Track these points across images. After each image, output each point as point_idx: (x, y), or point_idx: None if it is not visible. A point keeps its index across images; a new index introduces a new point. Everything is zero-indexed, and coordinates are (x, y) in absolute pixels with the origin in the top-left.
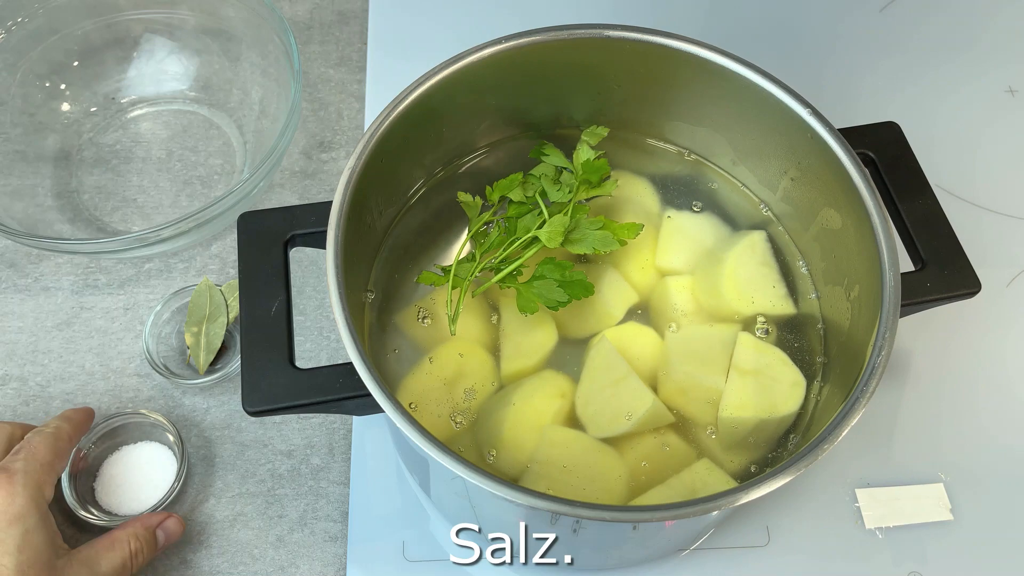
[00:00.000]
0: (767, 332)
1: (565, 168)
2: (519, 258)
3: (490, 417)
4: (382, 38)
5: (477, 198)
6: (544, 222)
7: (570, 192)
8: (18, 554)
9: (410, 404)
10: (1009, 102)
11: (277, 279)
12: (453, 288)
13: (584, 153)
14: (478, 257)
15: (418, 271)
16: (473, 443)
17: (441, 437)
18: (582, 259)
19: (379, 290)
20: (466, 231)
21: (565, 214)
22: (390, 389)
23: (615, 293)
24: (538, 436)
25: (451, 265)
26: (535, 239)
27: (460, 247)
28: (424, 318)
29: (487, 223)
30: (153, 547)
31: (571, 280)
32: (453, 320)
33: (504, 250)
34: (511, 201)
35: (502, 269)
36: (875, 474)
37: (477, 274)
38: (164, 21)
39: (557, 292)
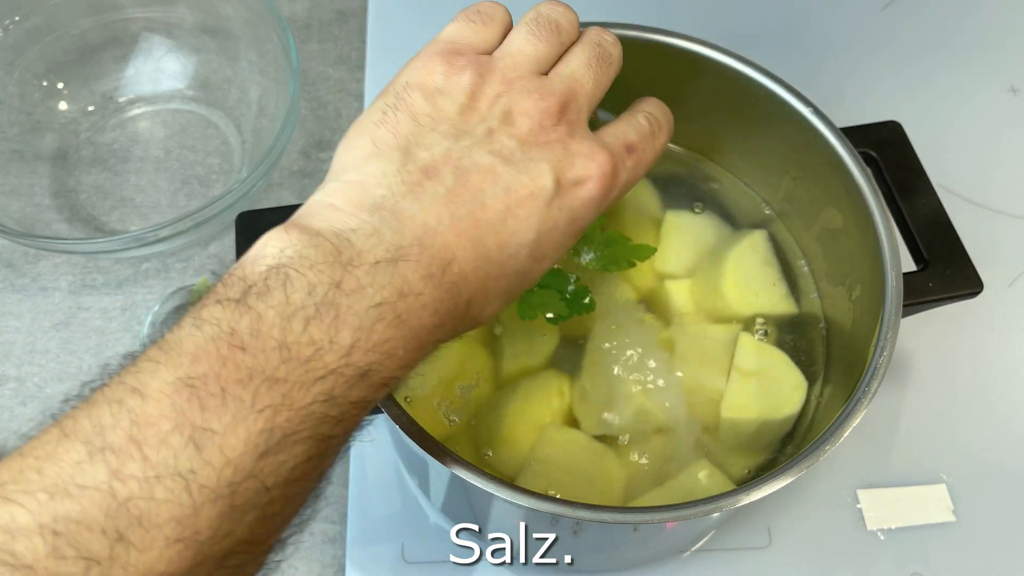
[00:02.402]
0: (768, 332)
1: None
2: None
3: (489, 416)
4: (381, 37)
5: None
6: None
7: None
8: (555, 259)
9: (405, 397)
10: (1012, 101)
11: None
12: None
13: None
14: None
15: None
16: (471, 441)
17: (438, 435)
18: None
19: None
20: None
21: None
22: None
23: (616, 293)
24: (536, 435)
25: None
26: None
27: None
28: None
29: None
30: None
31: (575, 294)
32: None
33: None
34: None
35: None
36: (877, 475)
37: None
38: (162, 20)
39: (559, 305)
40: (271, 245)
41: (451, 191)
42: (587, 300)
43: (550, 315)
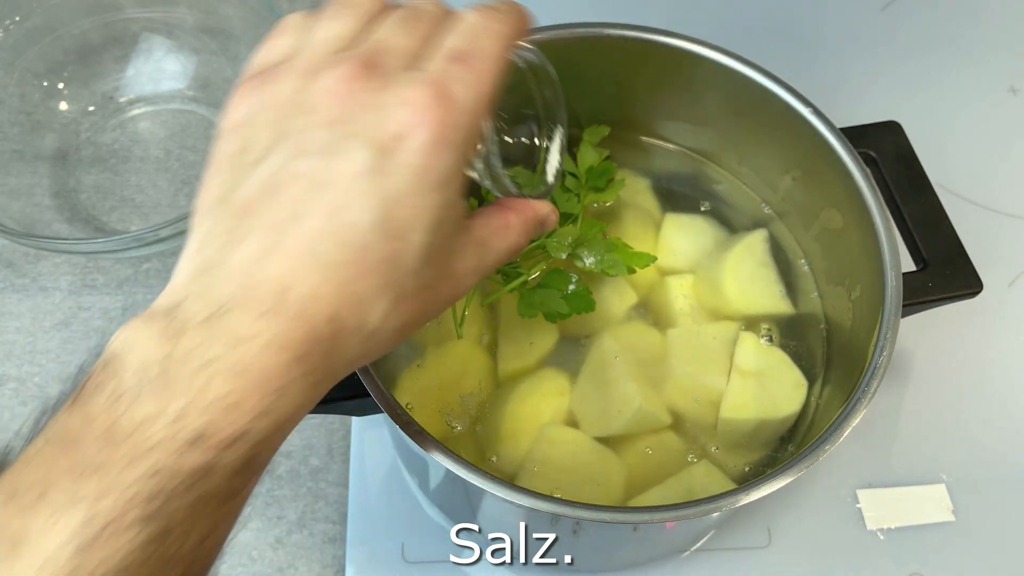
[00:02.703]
0: (768, 332)
1: (570, 173)
2: (530, 267)
3: (488, 415)
4: None
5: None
6: (553, 231)
7: (579, 201)
8: (434, 232)
9: (407, 404)
10: (1011, 101)
11: None
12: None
13: (588, 158)
14: None
15: None
16: (472, 442)
17: (439, 436)
18: None
19: None
20: None
21: (574, 224)
22: (388, 389)
23: (615, 293)
24: (535, 434)
25: None
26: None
27: None
28: None
29: None
30: (531, 237)
31: (575, 294)
32: (460, 324)
33: None
34: None
35: (508, 273)
36: (876, 475)
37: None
38: (162, 20)
39: (559, 303)
40: (112, 338)
41: (269, 220)
42: (587, 300)
43: (549, 316)
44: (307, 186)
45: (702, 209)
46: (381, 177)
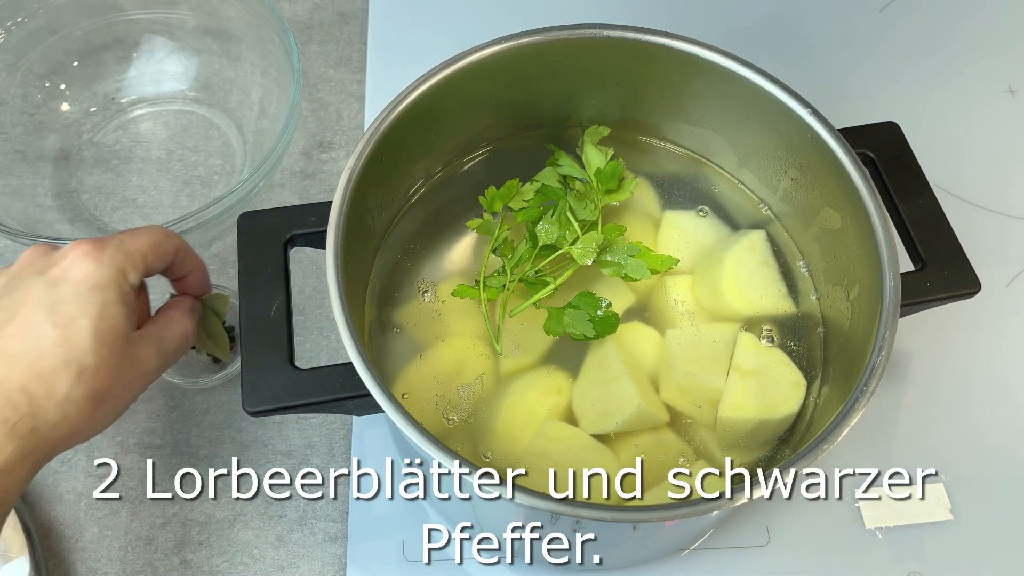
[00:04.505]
0: (767, 332)
1: (578, 178)
2: (556, 276)
3: (485, 410)
4: (382, 38)
5: (487, 216)
6: (577, 238)
7: (595, 207)
8: (97, 319)
9: (403, 395)
10: (1009, 102)
11: (277, 279)
12: (489, 300)
13: (595, 160)
14: (509, 271)
15: (418, 270)
16: (469, 439)
17: (436, 430)
18: None
19: (379, 288)
20: (468, 232)
21: (595, 230)
22: (389, 386)
23: (613, 293)
24: (532, 431)
25: (480, 279)
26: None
27: (484, 261)
28: (425, 292)
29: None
30: (194, 319)
31: (603, 318)
32: (497, 339)
33: (532, 264)
34: (512, 208)
35: (532, 281)
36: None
37: (511, 290)
38: (164, 21)
39: (586, 326)
40: None
41: None
42: (613, 324)
43: (576, 336)
44: (3, 315)
45: (701, 210)
46: (51, 289)
